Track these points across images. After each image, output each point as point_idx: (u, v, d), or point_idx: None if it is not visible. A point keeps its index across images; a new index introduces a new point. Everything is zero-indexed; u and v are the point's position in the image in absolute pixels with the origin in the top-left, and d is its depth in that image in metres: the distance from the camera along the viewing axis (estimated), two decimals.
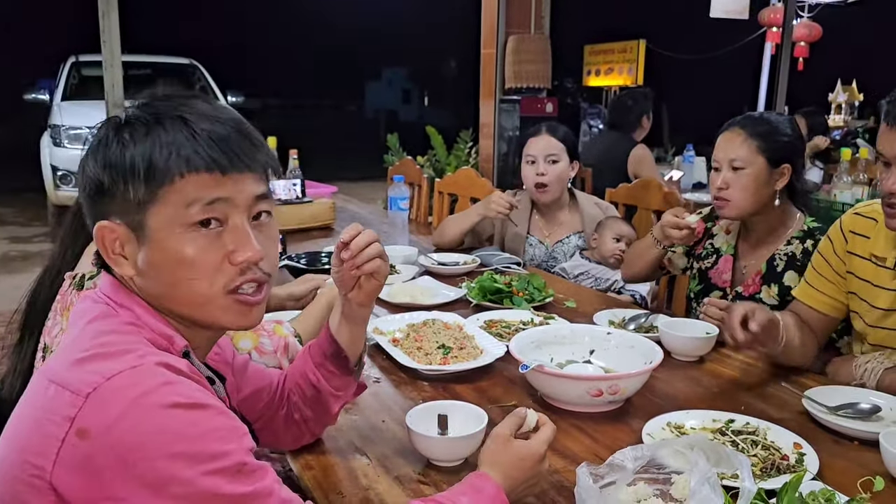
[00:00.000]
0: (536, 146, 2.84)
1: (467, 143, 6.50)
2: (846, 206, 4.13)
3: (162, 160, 0.90)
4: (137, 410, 0.81)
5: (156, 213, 0.92)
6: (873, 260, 1.69)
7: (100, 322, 0.93)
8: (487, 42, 5.62)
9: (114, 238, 0.94)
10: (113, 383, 0.82)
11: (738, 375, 1.74)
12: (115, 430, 0.80)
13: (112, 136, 0.93)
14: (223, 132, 0.94)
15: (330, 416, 1.31)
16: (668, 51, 12.85)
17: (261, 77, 22.64)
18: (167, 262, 0.93)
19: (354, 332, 1.25)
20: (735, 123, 2.07)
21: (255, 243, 0.96)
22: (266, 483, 0.87)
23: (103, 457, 0.79)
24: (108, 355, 0.86)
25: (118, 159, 0.92)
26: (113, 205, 0.93)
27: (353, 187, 10.13)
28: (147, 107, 0.96)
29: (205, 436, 0.83)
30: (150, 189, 0.91)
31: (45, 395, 0.85)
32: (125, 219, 0.93)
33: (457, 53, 20.20)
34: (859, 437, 1.38)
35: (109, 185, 0.92)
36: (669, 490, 1.12)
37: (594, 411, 1.50)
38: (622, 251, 2.64)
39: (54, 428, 0.81)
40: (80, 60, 8.44)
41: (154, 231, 0.93)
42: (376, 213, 4.23)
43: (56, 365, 0.88)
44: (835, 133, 8.40)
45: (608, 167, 4.39)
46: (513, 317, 2.07)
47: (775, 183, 2.03)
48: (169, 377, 0.85)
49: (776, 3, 9.18)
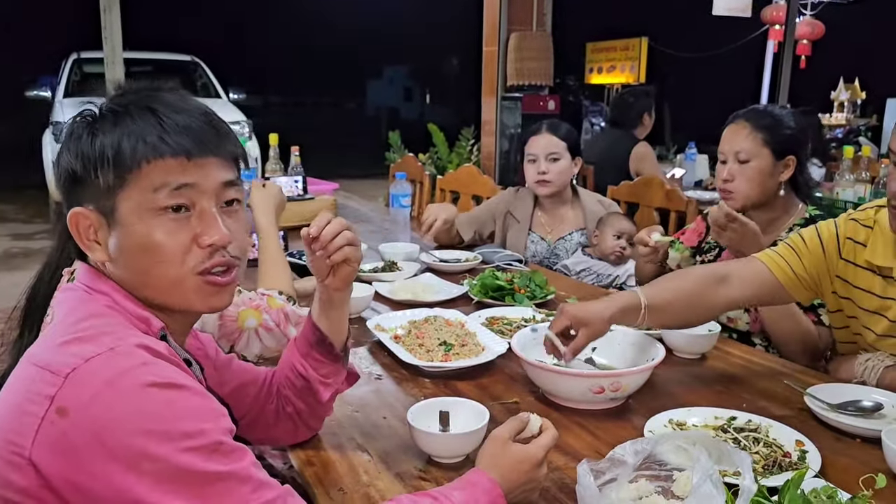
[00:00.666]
0: (538, 144, 2.84)
1: (469, 141, 6.51)
2: (849, 203, 4.13)
3: (129, 147, 0.94)
4: (113, 389, 0.83)
5: (125, 199, 0.95)
6: (876, 271, 1.64)
7: (79, 308, 0.95)
8: (489, 39, 5.62)
9: (87, 224, 0.97)
10: (91, 365, 0.84)
11: (740, 373, 1.74)
12: (91, 408, 0.82)
13: (83, 128, 0.97)
14: (189, 121, 0.98)
15: (322, 406, 1.30)
16: (670, 48, 12.85)
17: (263, 74, 22.65)
18: (137, 246, 0.96)
19: (334, 317, 1.25)
20: (740, 116, 2.10)
21: (221, 227, 0.99)
22: (243, 464, 0.88)
23: (80, 434, 0.81)
24: (88, 338, 0.88)
25: (88, 148, 0.95)
26: (85, 192, 0.96)
27: (355, 184, 10.14)
28: (118, 98, 0.99)
29: (180, 414, 0.85)
30: (118, 175, 0.94)
31: (26, 377, 0.87)
32: (97, 205, 0.96)
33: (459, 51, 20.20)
34: (861, 434, 1.38)
35: (82, 173, 0.96)
36: (671, 487, 1.12)
37: (596, 408, 1.50)
38: (622, 248, 2.64)
39: (35, 407, 0.83)
40: (81, 57, 8.44)
41: (124, 216, 0.95)
42: (378, 210, 4.23)
43: (38, 349, 0.91)
44: (837, 131, 8.40)
45: (610, 165, 4.39)
46: (514, 314, 2.07)
47: (780, 175, 2.04)
48: (146, 358, 0.87)
49: (779, 1, 9.17)
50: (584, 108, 11.92)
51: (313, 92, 26.43)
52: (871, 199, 4.15)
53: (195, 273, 0.99)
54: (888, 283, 1.62)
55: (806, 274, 1.71)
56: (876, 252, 1.63)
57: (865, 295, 1.67)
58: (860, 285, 1.67)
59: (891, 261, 1.60)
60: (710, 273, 1.70)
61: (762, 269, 1.71)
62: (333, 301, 1.24)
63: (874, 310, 1.66)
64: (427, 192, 4.21)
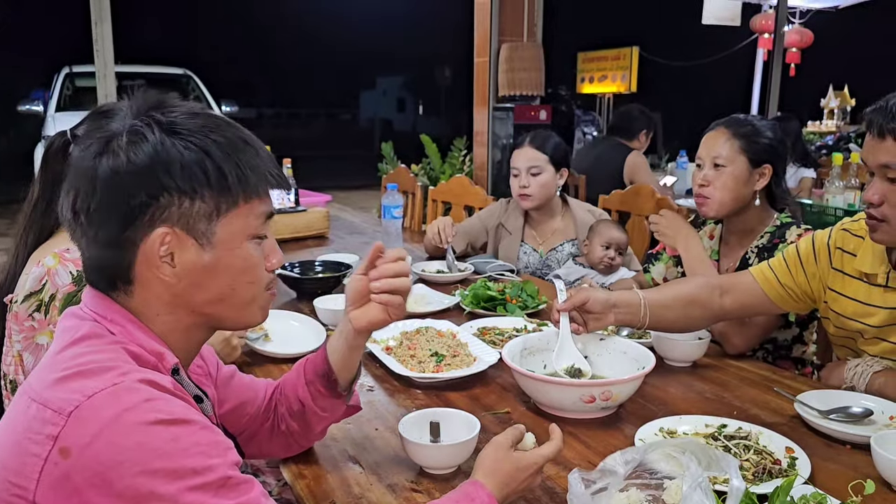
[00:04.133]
0: (519, 158, 2.86)
1: (461, 152, 6.52)
2: (839, 210, 4.15)
3: (254, 178, 0.98)
4: (116, 427, 0.81)
5: (227, 223, 0.98)
6: (864, 279, 1.66)
7: (86, 341, 0.92)
8: (480, 50, 5.63)
9: (167, 244, 0.95)
10: (93, 402, 0.82)
11: (731, 380, 1.74)
12: (93, 447, 0.80)
13: (175, 143, 0.93)
14: (269, 154, 1.04)
15: (314, 434, 1.30)
16: (661, 58, 12.92)
17: (255, 86, 22.65)
18: (233, 267, 1.00)
19: (347, 357, 1.23)
20: (720, 123, 2.13)
21: (280, 252, 1.08)
22: (252, 496, 0.87)
23: (83, 475, 0.79)
24: (90, 373, 0.86)
25: (199, 173, 0.94)
26: (169, 213, 0.94)
27: (348, 196, 10.15)
28: (189, 119, 0.96)
29: (187, 451, 0.83)
30: (233, 201, 0.97)
31: (26, 414, 0.85)
32: (185, 226, 0.95)
33: (451, 62, 20.26)
34: (851, 440, 1.39)
35: (177, 193, 0.93)
36: (662, 496, 1.12)
37: (587, 417, 1.50)
38: (611, 258, 2.64)
39: (36, 447, 0.81)
40: (73, 71, 8.44)
41: (223, 239, 0.98)
42: (370, 222, 4.24)
43: (37, 384, 0.88)
44: (827, 138, 8.45)
45: (603, 174, 4.41)
46: (506, 324, 2.07)
47: (755, 183, 2.06)
48: (151, 394, 0.85)
49: (767, 10, 9.24)
50: (576, 118, 11.96)
51: (306, 104, 26.42)
52: (861, 206, 4.18)
53: (265, 291, 1.06)
54: (873, 290, 1.64)
55: (795, 286, 1.74)
56: (865, 261, 1.65)
57: (851, 303, 1.68)
58: (848, 294, 1.69)
59: (877, 268, 1.62)
60: (709, 280, 1.80)
61: (751, 281, 1.78)
62: (349, 339, 1.20)
63: (860, 317, 1.67)
64: (419, 203, 4.22)
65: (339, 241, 3.45)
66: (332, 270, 2.50)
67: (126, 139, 0.93)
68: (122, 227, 0.93)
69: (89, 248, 0.97)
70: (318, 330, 1.97)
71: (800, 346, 2.11)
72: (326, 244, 3.35)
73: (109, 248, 0.95)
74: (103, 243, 0.95)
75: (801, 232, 2.02)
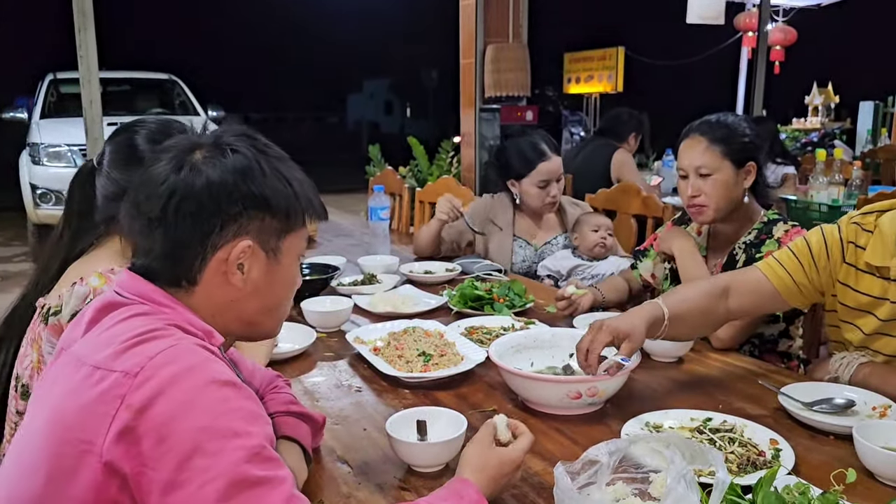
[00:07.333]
0: (550, 169, 2.84)
1: (449, 153, 6.53)
2: (823, 206, 4.18)
3: (318, 203, 1.13)
4: (177, 384, 0.89)
5: (289, 242, 1.10)
6: (876, 273, 1.65)
7: (140, 317, 0.99)
8: (466, 52, 5.64)
9: (243, 255, 1.04)
10: (156, 361, 0.90)
11: (717, 375, 1.76)
12: (156, 403, 0.88)
13: (263, 167, 1.05)
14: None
15: None
16: (646, 57, 12.98)
17: (241, 91, 22.63)
18: (287, 281, 1.13)
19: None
20: (694, 130, 2.08)
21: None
22: (281, 473, 0.91)
23: (144, 427, 0.87)
24: (150, 338, 0.94)
25: (288, 192, 1.07)
26: (251, 227, 1.05)
27: (336, 200, 10.14)
28: (248, 140, 1.08)
29: (234, 412, 0.91)
30: (296, 222, 1.09)
31: (89, 381, 0.92)
32: (259, 240, 1.06)
33: (437, 64, 20.30)
34: (834, 431, 1.40)
35: (264, 209, 1.05)
36: (648, 489, 1.13)
37: (574, 413, 1.51)
38: (603, 238, 2.68)
39: (105, 407, 0.88)
40: (57, 77, 8.35)
41: (283, 256, 1.10)
42: (358, 224, 4.24)
43: (97, 355, 0.94)
44: (812, 135, 8.52)
45: (591, 173, 4.43)
46: (493, 323, 2.08)
47: (743, 182, 2.06)
48: (207, 354, 0.95)
49: (751, 9, 9.29)
50: (563, 118, 12.00)
51: (293, 107, 26.41)
52: (845, 201, 4.21)
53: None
54: (886, 283, 1.64)
55: (807, 281, 1.72)
56: (875, 253, 1.64)
57: (862, 296, 1.68)
58: (861, 289, 1.68)
59: (888, 260, 1.62)
60: (713, 286, 1.73)
61: (760, 277, 1.74)
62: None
63: (866, 308, 1.67)
64: (406, 205, 4.23)
65: (327, 243, 3.45)
66: (319, 273, 2.51)
67: (230, 153, 1.04)
68: (209, 232, 1.02)
69: (164, 245, 1.03)
70: (306, 332, 1.97)
71: (786, 341, 2.12)
72: (314, 247, 3.35)
73: (188, 249, 1.03)
74: (183, 244, 1.02)
75: (788, 228, 2.02)
